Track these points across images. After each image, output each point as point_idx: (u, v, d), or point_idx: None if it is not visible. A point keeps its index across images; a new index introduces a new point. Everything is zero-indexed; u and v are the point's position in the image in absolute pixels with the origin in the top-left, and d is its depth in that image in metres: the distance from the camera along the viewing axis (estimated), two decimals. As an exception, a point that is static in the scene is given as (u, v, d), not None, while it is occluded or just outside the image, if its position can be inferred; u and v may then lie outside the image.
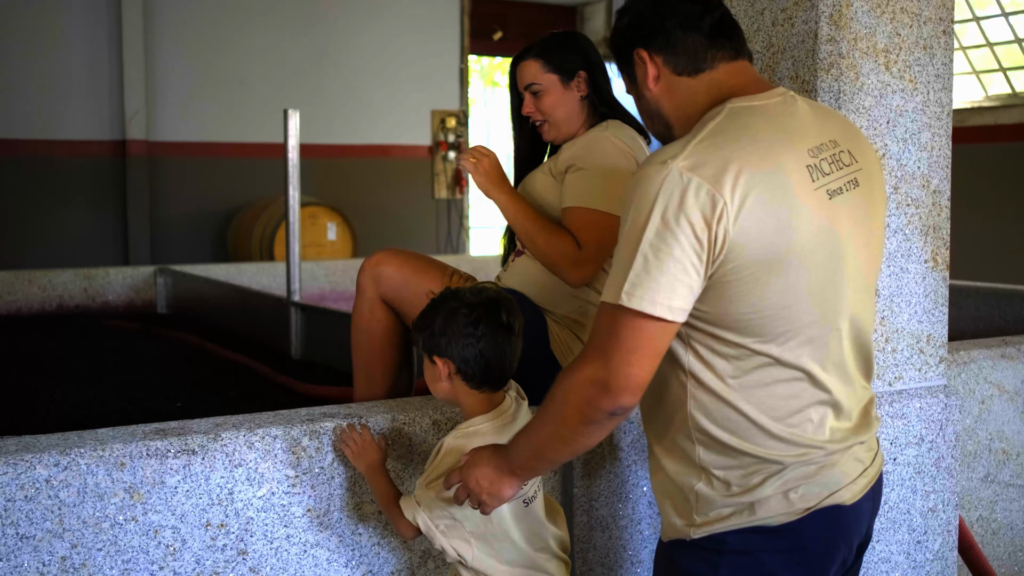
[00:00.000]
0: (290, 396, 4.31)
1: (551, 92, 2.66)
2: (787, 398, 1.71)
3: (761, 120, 1.72)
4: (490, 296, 2.07)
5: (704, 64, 1.80)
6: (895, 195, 2.50)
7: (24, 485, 2.05)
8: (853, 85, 2.43)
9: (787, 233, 1.65)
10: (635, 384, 1.62)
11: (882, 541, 2.49)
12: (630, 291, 1.60)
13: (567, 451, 1.76)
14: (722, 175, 1.61)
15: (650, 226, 1.60)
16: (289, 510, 2.30)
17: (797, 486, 1.72)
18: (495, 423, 2.07)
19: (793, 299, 1.67)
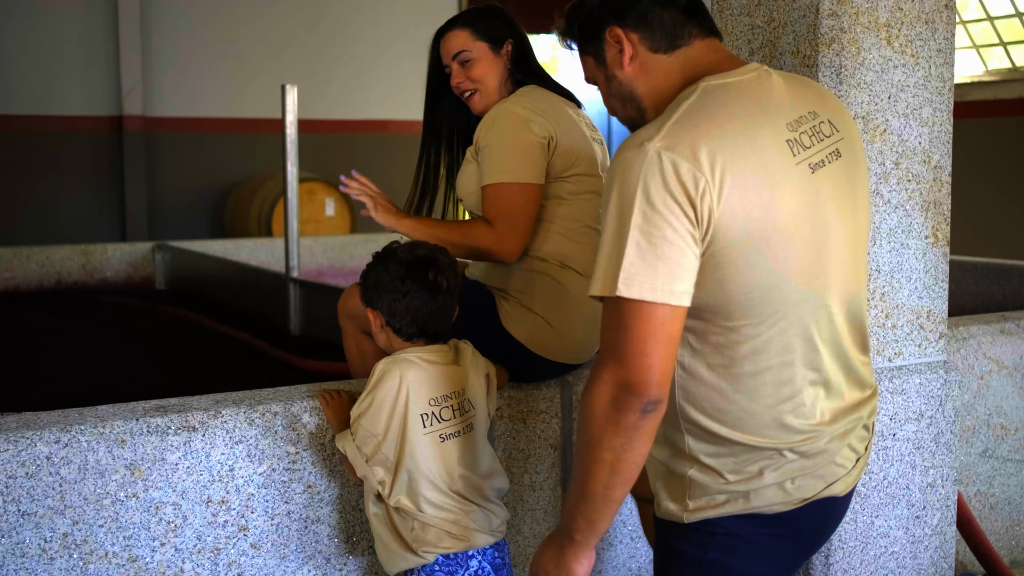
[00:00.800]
0: (289, 371, 4.31)
1: (482, 60, 2.63)
2: (778, 385, 1.67)
3: (737, 97, 1.67)
4: (420, 255, 2.17)
5: (680, 40, 1.74)
6: (896, 171, 2.49)
7: (25, 462, 2.05)
8: (855, 60, 2.41)
9: (771, 211, 1.61)
10: (659, 375, 1.54)
11: (881, 516, 2.50)
12: (628, 280, 1.53)
13: (616, 479, 1.58)
14: (700, 154, 1.56)
15: (636, 211, 1.54)
16: (290, 487, 2.31)
17: (795, 477, 1.70)
18: (429, 355, 2.15)
19: (780, 279, 1.63)
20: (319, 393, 2.34)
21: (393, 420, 2.09)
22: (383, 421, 2.09)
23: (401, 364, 2.12)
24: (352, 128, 10.40)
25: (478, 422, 2.20)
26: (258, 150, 9.72)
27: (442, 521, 2.10)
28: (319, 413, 2.33)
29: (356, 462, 2.12)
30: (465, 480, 2.14)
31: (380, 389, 2.10)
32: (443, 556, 2.10)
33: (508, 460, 2.57)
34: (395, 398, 2.10)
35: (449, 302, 2.19)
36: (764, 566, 1.75)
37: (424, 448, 2.10)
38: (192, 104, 9.74)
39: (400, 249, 2.20)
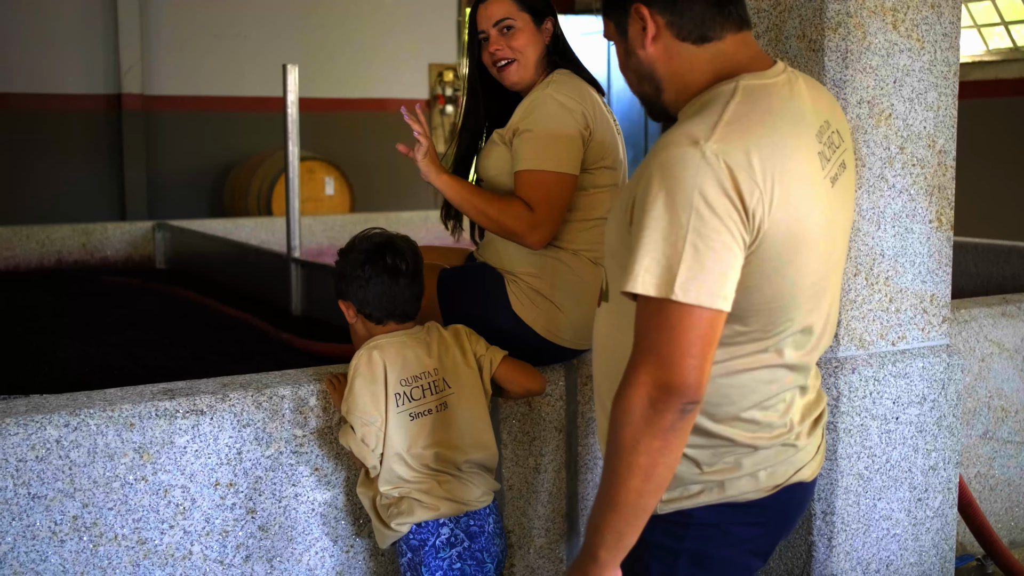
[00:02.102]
0: (293, 353, 4.32)
1: (525, 31, 2.59)
2: (768, 383, 1.69)
3: (777, 102, 1.65)
4: (376, 241, 2.29)
5: (712, 33, 1.68)
6: (900, 155, 2.50)
7: (35, 445, 2.07)
8: (860, 44, 2.41)
9: (805, 224, 1.61)
10: (702, 376, 1.50)
11: (883, 499, 2.52)
12: (685, 284, 1.48)
13: (650, 485, 1.52)
14: (754, 161, 1.54)
15: (694, 212, 1.49)
16: (297, 469, 2.32)
17: (767, 466, 1.73)
18: (399, 337, 2.26)
19: (797, 291, 1.64)
20: (326, 377, 2.35)
21: (380, 405, 2.18)
22: (371, 408, 2.17)
23: (371, 351, 2.22)
24: (351, 106, 10.37)
25: (456, 400, 2.26)
26: (257, 128, 9.70)
27: (412, 490, 2.19)
28: (326, 396, 2.34)
29: (363, 455, 2.18)
30: (436, 455, 2.21)
31: (356, 380, 2.20)
32: (415, 525, 2.19)
33: (513, 442, 2.58)
34: (374, 383, 2.18)
35: (412, 283, 2.29)
36: (739, 553, 1.77)
37: (396, 426, 2.18)
38: (191, 82, 9.71)
39: (359, 239, 2.33)
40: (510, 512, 2.59)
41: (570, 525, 2.69)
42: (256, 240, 7.55)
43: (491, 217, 2.50)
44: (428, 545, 2.20)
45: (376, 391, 2.18)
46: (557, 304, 2.56)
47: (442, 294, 2.63)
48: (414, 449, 2.19)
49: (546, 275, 2.57)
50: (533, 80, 2.62)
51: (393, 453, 2.18)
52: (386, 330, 2.28)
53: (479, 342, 2.35)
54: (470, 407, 2.27)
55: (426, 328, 2.33)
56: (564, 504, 2.68)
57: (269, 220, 8.03)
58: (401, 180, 10.45)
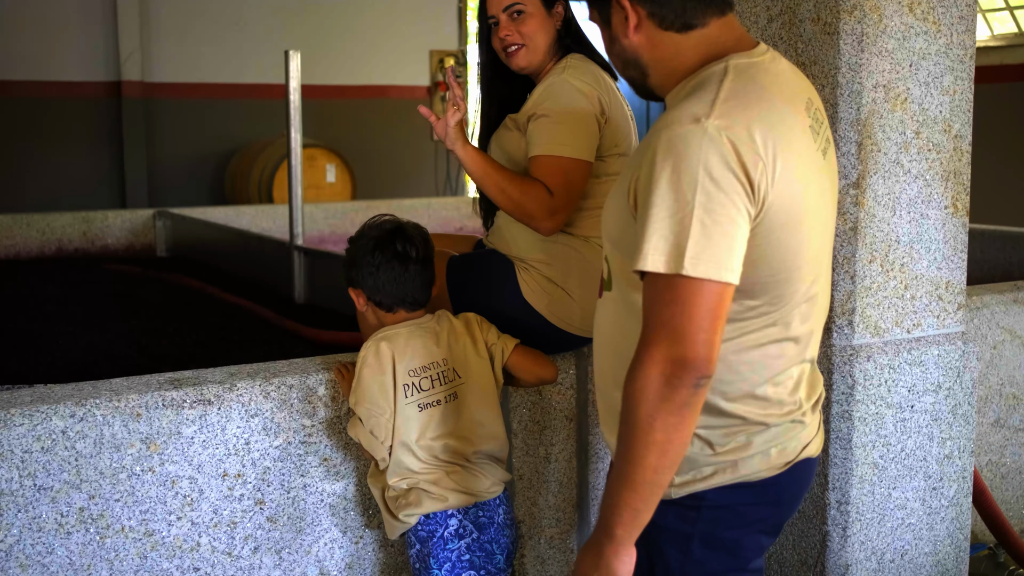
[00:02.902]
0: (297, 341, 4.29)
1: (535, 16, 2.55)
2: (776, 357, 1.70)
3: (766, 78, 1.67)
4: (386, 228, 2.25)
5: (695, 21, 1.69)
6: (916, 140, 2.46)
7: (41, 436, 2.04)
8: (876, 27, 2.37)
9: (805, 195, 1.63)
10: (713, 350, 1.51)
11: (898, 488, 2.49)
12: (695, 259, 1.50)
13: (666, 461, 1.53)
14: (755, 135, 1.56)
15: (699, 189, 1.51)
16: (306, 460, 2.29)
17: (778, 443, 1.74)
18: (408, 327, 2.23)
19: (801, 261, 1.66)
20: (335, 367, 2.32)
21: (388, 396, 2.15)
22: (380, 399, 2.15)
23: (379, 342, 2.19)
24: (352, 93, 10.32)
25: (466, 391, 2.24)
26: (258, 116, 9.65)
27: (421, 481, 2.16)
28: (335, 386, 2.31)
29: (373, 447, 2.15)
30: (445, 446, 2.19)
31: (364, 371, 2.17)
32: (424, 516, 2.16)
33: (524, 432, 2.55)
34: (382, 374, 2.16)
35: (422, 270, 2.25)
36: (751, 532, 1.78)
37: (404, 417, 2.16)
38: (191, 69, 9.66)
39: (368, 226, 2.29)
40: (520, 502, 2.56)
41: (580, 515, 2.67)
42: (257, 228, 7.52)
43: (511, 196, 2.45)
44: (436, 536, 2.17)
45: (384, 382, 2.15)
46: (568, 291, 2.52)
47: (451, 281, 2.60)
48: (422, 440, 2.16)
49: (557, 262, 2.53)
50: (543, 64, 2.59)
51: (401, 444, 2.15)
52: (396, 319, 2.24)
53: (490, 330, 2.32)
54: (480, 397, 2.24)
55: (436, 317, 2.29)
56: (574, 493, 2.65)
57: (270, 208, 7.99)
58: (402, 167, 10.42)
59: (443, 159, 10.64)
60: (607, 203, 1.78)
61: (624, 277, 1.72)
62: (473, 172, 2.48)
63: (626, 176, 1.68)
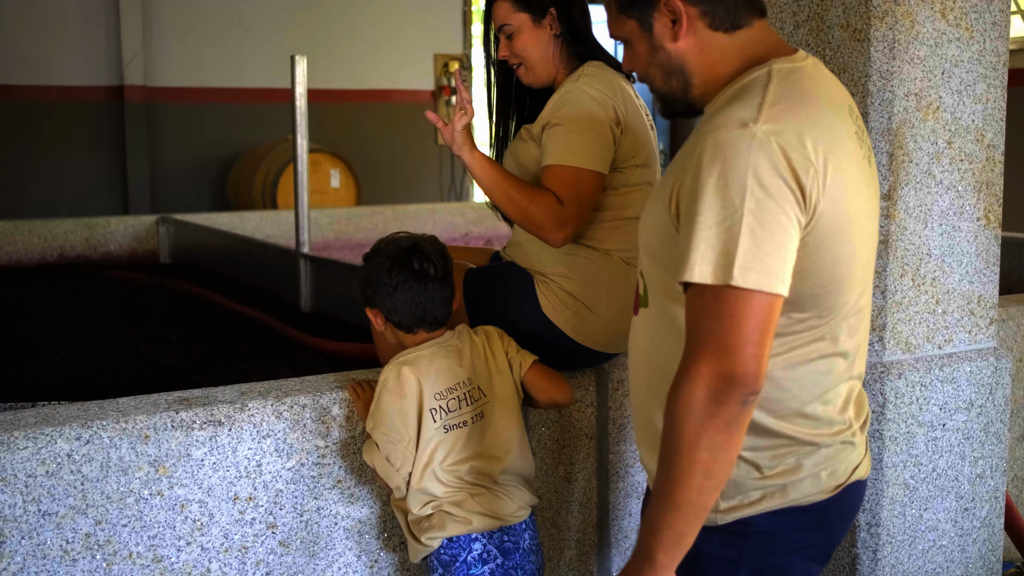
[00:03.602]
0: (304, 351, 4.21)
1: (523, 32, 2.49)
2: (825, 373, 1.64)
3: (811, 84, 1.61)
4: (402, 245, 2.16)
5: (743, 19, 1.64)
6: (948, 150, 2.39)
7: (45, 460, 1.96)
8: (908, 34, 2.30)
9: (853, 204, 1.58)
10: (763, 364, 1.45)
11: (929, 509, 2.41)
12: (744, 269, 1.43)
13: (711, 483, 1.47)
14: (806, 141, 1.50)
15: (748, 196, 1.45)
16: (319, 482, 2.22)
17: (828, 465, 1.67)
18: (430, 349, 2.14)
19: (851, 272, 1.61)
20: (349, 385, 2.24)
21: (409, 422, 2.07)
22: (399, 425, 2.07)
23: (400, 366, 2.11)
24: (356, 98, 10.24)
25: (491, 409, 2.16)
26: (261, 120, 9.57)
27: (444, 503, 2.08)
28: (349, 405, 2.24)
29: (388, 475, 2.08)
30: (471, 467, 2.11)
31: (383, 395, 2.10)
32: (447, 540, 2.08)
33: (542, 451, 2.47)
34: (403, 399, 2.08)
35: (442, 288, 2.16)
36: (800, 560, 1.70)
37: (428, 441, 2.08)
38: (194, 73, 9.58)
39: (384, 243, 2.20)
40: (539, 523, 2.48)
41: (601, 536, 2.59)
42: (261, 234, 7.45)
43: (519, 205, 2.37)
44: (459, 561, 2.09)
45: (405, 408, 2.07)
46: (588, 305, 2.45)
47: (468, 295, 2.52)
48: (447, 463, 2.08)
49: (577, 275, 2.46)
50: (552, 75, 2.52)
51: (423, 468, 2.07)
52: (416, 340, 2.16)
53: (511, 344, 2.24)
54: (506, 415, 2.16)
55: (456, 333, 2.21)
56: (595, 514, 2.57)
57: (274, 213, 7.92)
58: (407, 172, 10.34)
59: (448, 164, 10.56)
60: (644, 214, 1.71)
61: (663, 291, 1.65)
62: (480, 179, 2.40)
63: (666, 185, 1.61)
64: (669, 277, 1.61)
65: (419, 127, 10.49)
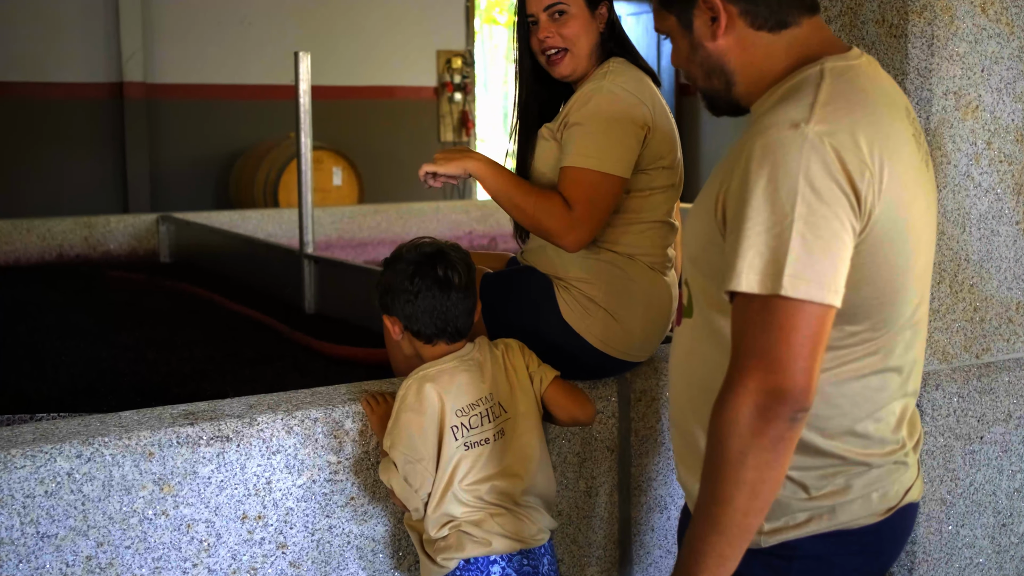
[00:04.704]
0: (310, 355, 4.11)
1: (577, 18, 2.36)
2: (878, 390, 1.55)
3: (866, 83, 1.53)
4: (426, 251, 2.06)
5: (789, 19, 1.55)
6: (987, 151, 2.29)
7: (44, 479, 1.86)
8: (947, 30, 2.20)
9: (911, 209, 1.49)
10: (812, 380, 1.37)
11: (966, 525, 2.32)
12: (795, 278, 1.35)
13: (757, 503, 1.39)
14: (861, 142, 1.42)
15: (799, 200, 1.36)
16: (331, 499, 2.12)
17: (880, 487, 1.58)
18: (450, 363, 2.03)
19: (907, 282, 1.52)
20: (362, 398, 2.14)
21: (429, 441, 1.97)
22: (418, 444, 1.96)
23: (421, 381, 2.00)
24: (358, 94, 10.13)
25: (513, 426, 2.05)
26: (263, 117, 9.46)
27: (462, 522, 1.97)
28: (362, 418, 2.14)
29: (407, 496, 1.98)
30: (492, 487, 2.00)
31: (402, 413, 1.99)
32: (463, 561, 1.98)
33: (562, 464, 2.37)
34: (422, 416, 1.97)
35: (465, 298, 2.05)
36: None
37: (448, 460, 1.97)
38: (194, 70, 9.46)
39: (406, 249, 2.09)
40: (559, 539, 2.38)
41: (623, 552, 2.49)
42: (263, 232, 7.33)
43: (526, 212, 2.27)
44: None
45: (425, 425, 1.96)
46: (612, 312, 2.34)
47: (485, 301, 2.41)
48: (467, 482, 1.98)
49: (600, 281, 2.35)
50: (586, 71, 2.40)
51: (443, 489, 1.96)
52: (436, 352, 2.05)
53: (532, 357, 2.14)
54: (527, 431, 2.06)
55: (477, 345, 2.10)
56: (616, 529, 2.47)
57: (276, 212, 7.81)
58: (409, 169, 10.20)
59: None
60: (688, 220, 1.62)
61: (708, 300, 1.56)
62: (489, 188, 2.29)
63: (711, 188, 1.53)
64: (713, 286, 1.53)
65: (422, 123, 10.39)
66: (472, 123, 10.53)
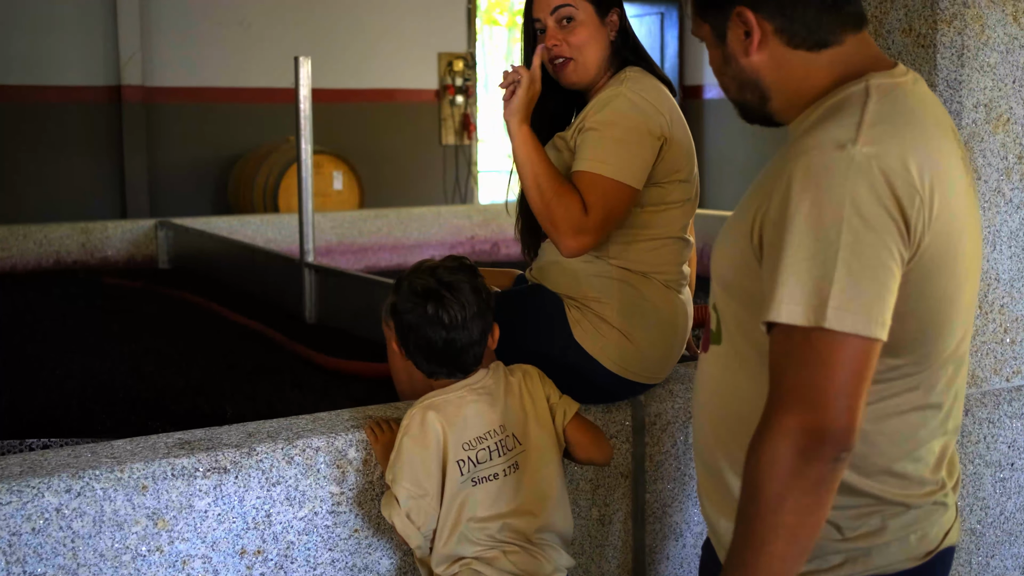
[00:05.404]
0: (310, 368, 4.01)
1: (586, 25, 2.27)
2: (918, 427, 1.47)
3: (913, 102, 1.44)
4: (418, 287, 1.93)
5: (830, 37, 1.47)
6: (1019, 166, 2.19)
7: (31, 516, 1.76)
8: (978, 39, 2.10)
9: (960, 238, 1.40)
10: (857, 420, 1.29)
11: (997, 556, 2.22)
12: (840, 310, 1.27)
13: (795, 549, 1.31)
14: (911, 165, 1.33)
15: (845, 227, 1.29)
16: (334, 532, 2.02)
17: (918, 529, 1.49)
18: (458, 392, 1.92)
19: (954, 314, 1.44)
20: (366, 425, 2.04)
21: (432, 475, 1.86)
22: (422, 478, 1.86)
23: (425, 411, 1.90)
24: (358, 97, 10.03)
25: (527, 459, 1.94)
26: (262, 120, 9.35)
27: (472, 561, 1.87)
28: (366, 446, 2.04)
29: (408, 533, 1.88)
30: (504, 525, 1.90)
31: (404, 443, 1.89)
32: None
33: (575, 491, 2.28)
34: (426, 449, 1.87)
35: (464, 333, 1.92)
36: None
37: (454, 496, 1.87)
38: (193, 73, 9.36)
39: (408, 280, 1.98)
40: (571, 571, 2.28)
41: (637, 582, 2.39)
42: (263, 238, 7.24)
43: (544, 195, 2.16)
44: None
45: (428, 459, 1.86)
46: (626, 333, 2.25)
47: (492, 321, 2.32)
48: (476, 520, 1.88)
49: (614, 300, 2.26)
50: (597, 79, 2.31)
51: (450, 528, 1.86)
52: (442, 382, 1.96)
53: (552, 388, 2.04)
54: (543, 466, 1.96)
55: (490, 372, 1.99)
56: (630, 558, 2.38)
57: (276, 217, 7.71)
58: (410, 173, 10.13)
59: (452, 164, 10.35)
60: (719, 241, 1.53)
61: (740, 329, 1.48)
62: (518, 155, 2.20)
63: (747, 210, 1.44)
64: (747, 314, 1.44)
65: (423, 127, 10.28)
66: (474, 126, 10.43)
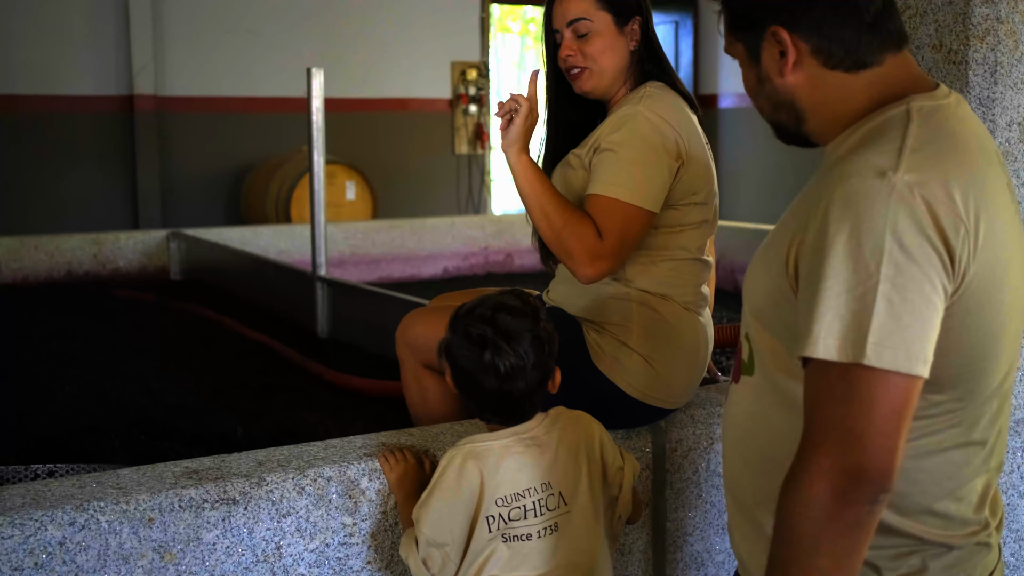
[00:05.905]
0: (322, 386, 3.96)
1: (603, 34, 2.22)
2: (960, 465, 1.41)
3: (957, 126, 1.38)
4: (473, 335, 1.78)
5: (869, 57, 1.41)
6: (1053, 185, 2.12)
7: (34, 550, 1.71)
8: (1012, 55, 2.04)
9: (1007, 269, 1.34)
10: (896, 459, 1.24)
11: (1031, 589, 2.15)
12: (879, 346, 1.22)
13: None
14: (955, 193, 1.27)
15: (886, 259, 1.23)
16: (346, 564, 1.96)
17: (961, 570, 1.43)
18: (505, 440, 1.79)
19: (999, 349, 1.38)
20: (380, 454, 1.98)
21: (459, 526, 1.76)
22: (446, 527, 1.76)
23: (466, 458, 1.78)
24: (371, 107, 9.99)
25: (569, 521, 1.78)
26: (275, 130, 9.32)
27: None
28: (379, 476, 1.98)
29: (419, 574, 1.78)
30: None
31: (439, 488, 1.77)
32: None
33: (593, 521, 2.21)
34: (458, 500, 1.76)
35: (518, 381, 1.77)
36: None
37: (485, 549, 1.75)
38: (206, 83, 9.33)
39: (462, 319, 1.82)
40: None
41: (657, 614, 2.32)
42: (275, 249, 7.21)
43: (554, 226, 2.10)
44: None
45: (458, 510, 1.75)
46: (647, 357, 2.18)
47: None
48: None
49: (633, 324, 2.19)
50: (614, 90, 2.25)
51: None
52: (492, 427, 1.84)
53: (612, 447, 1.89)
54: (588, 532, 1.80)
55: (548, 419, 1.84)
56: (650, 589, 2.31)
57: (288, 228, 7.68)
58: (423, 183, 10.09)
59: (465, 174, 10.30)
60: (751, 270, 1.47)
61: (775, 361, 1.42)
62: (521, 186, 2.13)
63: (782, 238, 1.38)
64: (782, 346, 1.39)
65: (436, 136, 10.24)
66: (487, 135, 10.38)
